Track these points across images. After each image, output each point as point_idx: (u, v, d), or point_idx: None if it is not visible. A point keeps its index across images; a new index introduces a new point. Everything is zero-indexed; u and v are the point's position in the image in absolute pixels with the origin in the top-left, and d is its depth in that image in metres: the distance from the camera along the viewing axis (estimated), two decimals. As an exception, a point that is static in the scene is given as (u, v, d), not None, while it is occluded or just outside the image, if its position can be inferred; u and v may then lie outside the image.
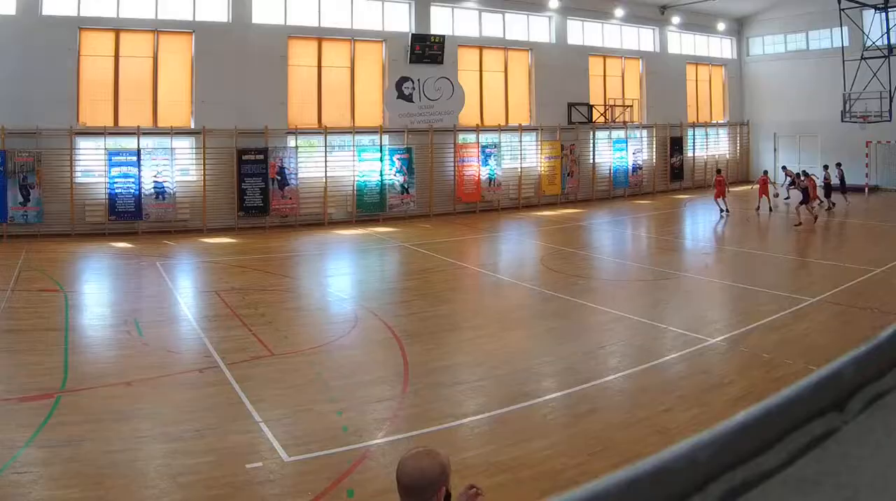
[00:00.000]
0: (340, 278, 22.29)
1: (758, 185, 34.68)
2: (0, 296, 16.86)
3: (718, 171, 35.17)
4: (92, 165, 29.69)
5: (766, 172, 36.00)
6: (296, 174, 32.12)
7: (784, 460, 1.07)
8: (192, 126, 30.99)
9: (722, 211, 32.54)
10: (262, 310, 16.76)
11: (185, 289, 20.04)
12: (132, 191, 29.52)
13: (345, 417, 10.40)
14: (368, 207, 33.56)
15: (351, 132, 33.84)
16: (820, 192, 32.42)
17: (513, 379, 12.07)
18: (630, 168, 41.71)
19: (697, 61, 45.59)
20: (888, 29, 35.77)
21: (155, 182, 29.88)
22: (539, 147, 38.61)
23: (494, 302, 18.58)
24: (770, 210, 32.69)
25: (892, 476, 1.04)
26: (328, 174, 32.82)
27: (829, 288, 18.21)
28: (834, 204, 33.91)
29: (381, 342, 14.40)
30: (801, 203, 29.93)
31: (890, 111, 35.55)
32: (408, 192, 34.64)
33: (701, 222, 33.72)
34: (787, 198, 35.77)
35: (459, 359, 13.41)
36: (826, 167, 34.75)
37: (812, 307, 16.64)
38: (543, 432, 9.93)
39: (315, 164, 32.96)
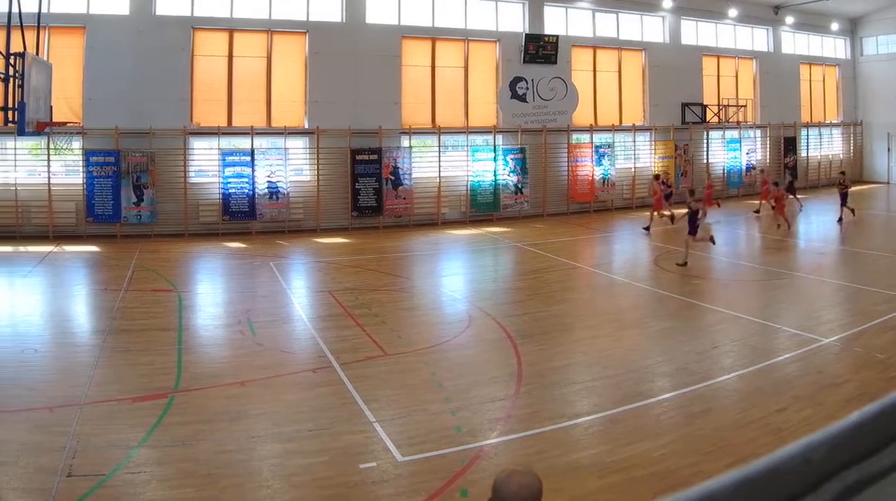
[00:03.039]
0: (454, 278, 19.79)
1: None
2: (114, 296, 15.37)
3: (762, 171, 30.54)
4: (205, 165, 26.15)
5: (761, 171, 30.60)
6: (409, 174, 27.97)
7: (898, 460, 0.94)
8: (306, 126, 27.05)
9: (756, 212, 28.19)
10: (375, 310, 15.08)
11: (298, 289, 17.95)
12: (246, 190, 25.77)
13: (458, 417, 9.49)
14: (482, 207, 29.27)
15: (465, 132, 29.47)
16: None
17: (626, 379, 10.90)
18: (743, 168, 36.20)
19: (811, 61, 39.21)
20: None
21: (268, 182, 26.09)
22: (652, 147, 33.49)
23: (608, 301, 16.61)
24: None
25: None
26: (442, 174, 28.61)
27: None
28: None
29: (494, 342, 12.96)
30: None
31: None
32: (521, 192, 30.07)
33: (814, 222, 29.39)
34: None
35: (573, 359, 12.14)
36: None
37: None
38: (657, 432, 8.97)
39: (429, 164, 28.71)
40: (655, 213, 26.97)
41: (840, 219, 26.40)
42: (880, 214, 30.79)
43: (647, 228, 25.47)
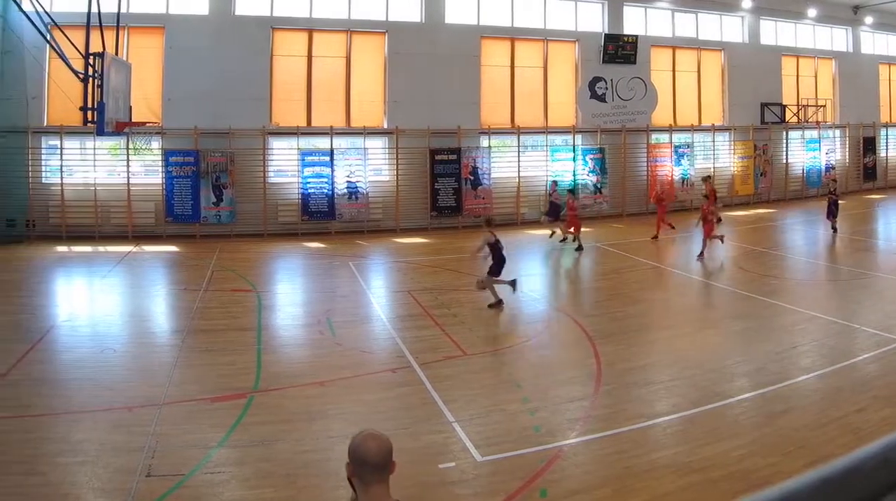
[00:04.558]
0: (533, 278, 17.97)
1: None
2: (193, 296, 14.55)
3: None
4: (284, 165, 24.06)
5: (706, 178, 24.63)
6: (488, 174, 25.51)
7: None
8: (385, 126, 24.80)
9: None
10: (454, 310, 14.11)
11: (377, 289, 16.65)
12: (325, 191, 23.62)
13: (537, 417, 8.76)
14: (561, 207, 26.53)
15: (544, 132, 26.87)
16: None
17: (705, 379, 10.14)
18: (823, 168, 32.86)
19: (890, 61, 35.58)
20: None
21: (348, 182, 23.91)
22: (732, 147, 30.45)
23: (687, 301, 15.55)
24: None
25: None
26: (521, 174, 26.08)
27: None
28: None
29: (573, 342, 12.21)
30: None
31: None
32: (601, 192, 27.38)
33: (894, 222, 27.32)
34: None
35: (652, 359, 11.32)
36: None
37: None
38: (736, 432, 8.25)
39: (508, 164, 26.21)
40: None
41: (834, 231, 22.49)
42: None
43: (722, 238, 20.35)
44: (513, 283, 14.36)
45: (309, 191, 23.57)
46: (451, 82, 25.26)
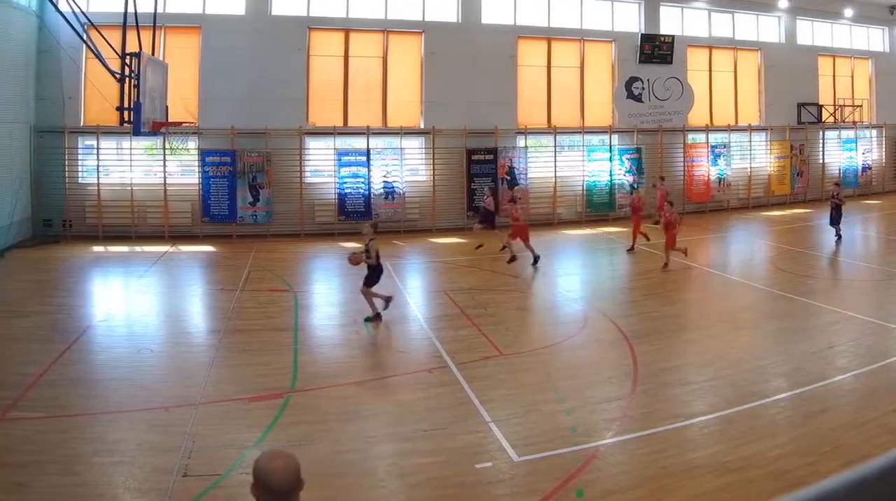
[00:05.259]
0: (569, 278, 17.56)
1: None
2: (230, 296, 14.07)
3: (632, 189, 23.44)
4: (321, 165, 23.10)
5: (633, 188, 23.89)
6: (525, 174, 24.41)
7: None
8: (422, 126, 23.76)
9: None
10: (491, 310, 13.60)
11: (414, 289, 16.01)
12: (361, 190, 22.63)
13: (574, 417, 8.43)
14: (597, 207, 25.56)
15: (580, 132, 25.70)
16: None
17: (741, 379, 9.57)
18: (859, 168, 31.46)
19: (927, 62, 34.45)
20: None
21: (384, 182, 22.90)
22: (768, 147, 29.09)
23: (723, 302, 14.76)
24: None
25: None
26: (557, 174, 24.92)
27: None
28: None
29: (609, 342, 11.70)
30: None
31: None
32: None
33: None
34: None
35: (688, 359, 10.88)
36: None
37: None
38: (772, 432, 7.89)
39: (544, 164, 25.04)
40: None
41: (839, 238, 20.38)
42: None
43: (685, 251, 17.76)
44: (388, 299, 12.84)
45: (345, 191, 22.62)
46: (487, 82, 24.19)
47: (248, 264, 17.92)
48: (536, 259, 17.45)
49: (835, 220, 20.48)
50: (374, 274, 12.75)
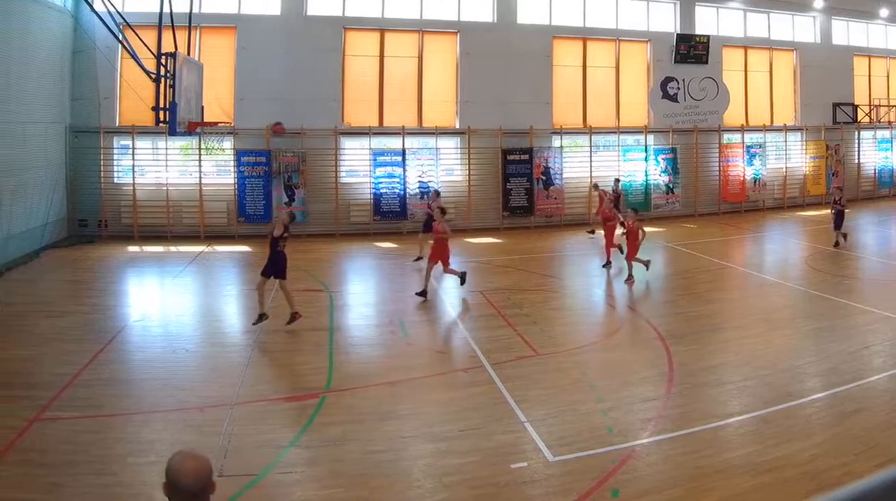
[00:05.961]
0: (604, 278, 16.69)
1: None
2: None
3: (597, 187, 21.52)
4: (356, 165, 22.13)
5: (596, 185, 21.71)
6: (560, 174, 23.32)
7: None
8: (457, 126, 22.77)
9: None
10: (526, 310, 13.15)
11: (450, 289, 14.96)
12: (397, 190, 21.68)
13: (609, 417, 8.19)
14: (633, 207, 24.38)
15: (616, 132, 24.62)
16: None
17: (777, 379, 9.32)
18: (895, 168, 30.12)
19: (962, 62, 33.05)
20: None
21: (420, 182, 21.91)
22: (804, 147, 27.83)
23: (759, 302, 14.16)
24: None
25: None
26: (593, 174, 23.77)
27: None
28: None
29: (645, 342, 11.28)
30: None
31: None
32: (672, 192, 25.05)
33: None
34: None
35: (724, 359, 10.33)
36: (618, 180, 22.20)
37: None
38: (808, 432, 7.68)
39: (580, 164, 23.96)
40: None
41: (836, 244, 18.98)
42: None
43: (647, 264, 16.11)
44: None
45: (381, 190, 21.67)
46: (523, 82, 23.18)
47: (284, 264, 17.21)
48: (462, 279, 14.48)
49: (838, 226, 19.08)
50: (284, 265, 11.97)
